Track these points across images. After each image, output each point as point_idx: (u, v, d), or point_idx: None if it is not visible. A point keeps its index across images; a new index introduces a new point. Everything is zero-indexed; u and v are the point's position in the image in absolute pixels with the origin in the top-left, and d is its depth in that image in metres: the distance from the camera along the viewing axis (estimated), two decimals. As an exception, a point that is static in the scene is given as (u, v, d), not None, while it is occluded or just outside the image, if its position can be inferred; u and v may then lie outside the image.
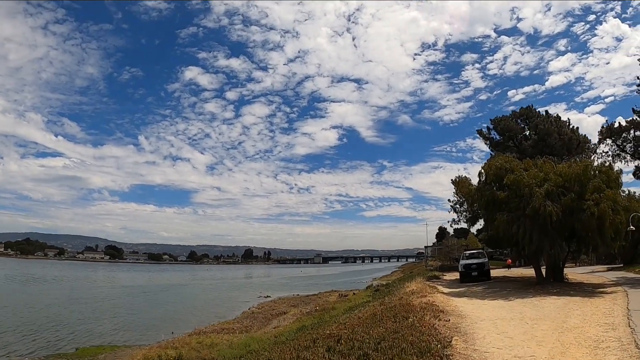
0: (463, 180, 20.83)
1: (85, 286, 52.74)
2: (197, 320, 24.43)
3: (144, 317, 26.75)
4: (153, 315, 27.95)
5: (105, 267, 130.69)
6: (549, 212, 17.15)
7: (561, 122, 27.01)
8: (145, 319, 26.23)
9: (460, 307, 14.01)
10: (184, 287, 55.98)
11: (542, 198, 17.52)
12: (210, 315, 27.60)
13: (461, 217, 26.98)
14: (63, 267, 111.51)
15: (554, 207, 17.29)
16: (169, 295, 43.46)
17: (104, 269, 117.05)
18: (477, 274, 24.52)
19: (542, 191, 17.63)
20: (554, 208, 17.24)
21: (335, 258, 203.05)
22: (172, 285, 58.26)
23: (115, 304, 33.88)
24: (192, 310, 31.18)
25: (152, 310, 30.22)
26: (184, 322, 24.10)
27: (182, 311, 30.42)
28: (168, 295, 43.45)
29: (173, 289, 52.57)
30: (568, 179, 18.26)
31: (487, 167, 20.10)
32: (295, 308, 27.98)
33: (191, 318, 26.09)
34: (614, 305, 13.48)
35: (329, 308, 23.33)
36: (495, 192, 19.02)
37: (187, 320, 24.92)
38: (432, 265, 45.96)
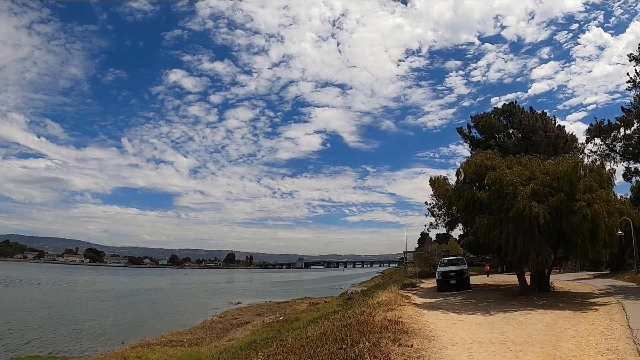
0: (440, 181, 18.50)
1: (59, 290, 51.18)
2: (156, 328, 23.07)
3: (105, 324, 25.42)
4: (115, 321, 26.59)
5: (84, 270, 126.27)
6: (535, 214, 14.90)
7: (547, 119, 24.95)
8: (105, 325, 24.88)
9: (432, 324, 11.64)
10: (158, 292, 54.13)
11: (527, 198, 15.28)
12: (171, 323, 25.82)
13: (439, 221, 24.73)
14: (41, 270, 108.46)
15: (540, 208, 15.05)
16: (139, 300, 41.79)
17: (82, 272, 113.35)
18: (456, 283, 22.19)
19: (527, 190, 15.40)
20: (541, 209, 15.00)
21: (317, 263, 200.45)
22: (147, 290, 56.56)
23: (82, 309, 32.56)
24: (156, 316, 29.64)
25: (116, 316, 28.94)
26: (141, 330, 22.81)
27: (145, 318, 28.89)
28: (138, 300, 41.80)
29: (146, 293, 50.62)
30: (556, 178, 16.07)
31: (467, 165, 17.85)
32: (260, 317, 25.98)
33: (151, 325, 24.74)
34: (612, 322, 11.21)
35: (293, 318, 21.61)
36: (475, 193, 16.76)
37: (145, 328, 23.66)
38: (412, 272, 43.71)
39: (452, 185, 18.48)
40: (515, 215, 15.19)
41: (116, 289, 56.65)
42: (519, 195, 15.35)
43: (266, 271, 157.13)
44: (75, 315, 28.58)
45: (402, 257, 62.08)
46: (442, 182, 18.56)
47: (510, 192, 15.55)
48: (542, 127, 23.51)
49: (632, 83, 23.91)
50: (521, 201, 15.12)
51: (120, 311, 32.18)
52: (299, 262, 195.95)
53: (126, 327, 24.49)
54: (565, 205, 15.43)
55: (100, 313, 30.53)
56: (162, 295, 48.93)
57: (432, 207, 24.52)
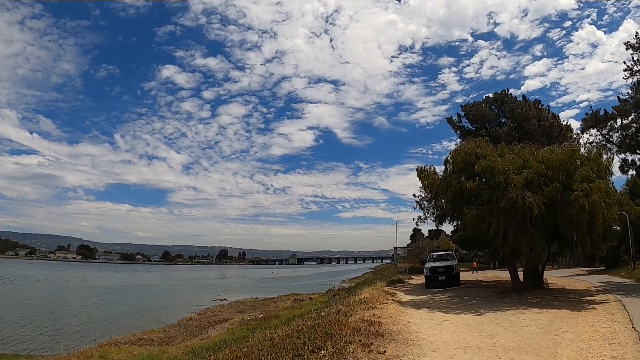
0: (428, 171, 17.13)
1: (47, 286, 50.03)
2: (134, 325, 22.32)
3: (85, 320, 24.47)
4: (95, 318, 25.62)
5: (75, 267, 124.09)
6: (528, 205, 13.61)
7: (540, 107, 23.59)
8: (85, 322, 23.92)
9: (414, 324, 10.35)
10: (146, 288, 53.07)
11: (520, 188, 13.98)
12: (150, 320, 24.78)
13: (428, 214, 23.39)
14: (32, 267, 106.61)
15: (535, 198, 13.74)
16: (124, 297, 40.58)
17: (73, 268, 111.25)
18: (445, 279, 20.88)
19: (520, 179, 14.09)
20: (535, 200, 13.70)
21: (310, 259, 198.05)
22: (135, 286, 55.28)
23: (66, 305, 31.64)
24: (138, 313, 28.55)
25: (98, 313, 27.98)
26: (118, 327, 21.95)
27: (126, 314, 27.79)
28: (124, 297, 40.58)
29: (134, 290, 49.39)
30: (551, 167, 14.78)
31: (455, 153, 16.52)
32: (241, 314, 24.84)
33: (130, 322, 23.83)
34: (613, 323, 9.96)
35: (273, 316, 20.71)
36: (463, 183, 15.45)
37: (123, 325, 22.74)
38: (402, 267, 42.46)
39: (440, 175, 17.13)
40: (506, 206, 13.89)
41: (104, 285, 55.18)
42: (511, 185, 14.06)
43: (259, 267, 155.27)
44: (57, 312, 27.70)
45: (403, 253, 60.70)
46: (429, 173, 17.21)
47: (501, 181, 14.24)
48: (536, 115, 22.18)
49: (630, 72, 22.68)
50: (513, 191, 13.82)
51: (103, 307, 31.16)
52: (292, 258, 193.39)
53: (105, 324, 23.62)
54: (561, 196, 14.17)
55: (83, 309, 29.65)
56: (149, 292, 47.59)
57: (421, 199, 23.09)
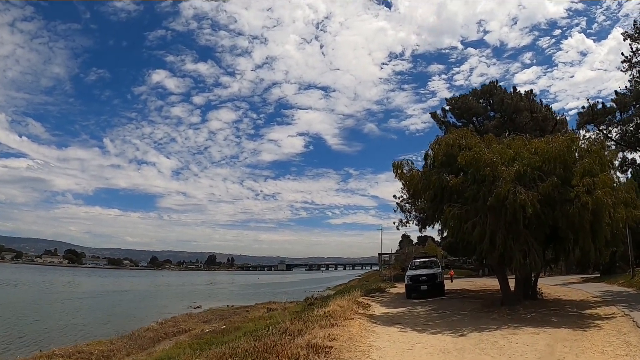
0: (405, 165, 14.77)
1: (25, 290, 49.51)
2: (91, 333, 21.15)
3: (48, 327, 23.44)
4: (60, 324, 24.60)
5: (61, 271, 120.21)
6: (520, 203, 11.24)
7: (533, 98, 21.32)
8: (47, 328, 22.83)
9: (375, 350, 8.00)
10: (124, 294, 51.92)
11: (510, 182, 11.62)
12: (111, 328, 23.28)
13: (410, 217, 21.00)
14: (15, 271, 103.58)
15: (528, 195, 11.36)
16: (98, 302, 39.27)
17: (58, 273, 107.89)
18: (427, 288, 18.45)
19: (510, 173, 11.74)
20: (528, 196, 11.31)
21: (299, 265, 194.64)
22: (114, 292, 53.71)
23: (37, 310, 30.55)
24: (102, 321, 27.04)
25: (64, 319, 26.98)
26: (73, 336, 20.71)
27: (91, 321, 26.43)
28: (98, 302, 39.31)
29: (112, 295, 47.88)
30: (547, 159, 12.46)
31: (436, 145, 14.19)
32: (206, 325, 22.73)
33: (89, 330, 22.63)
34: (629, 347, 7.76)
35: (234, 328, 19.25)
36: (444, 178, 13.06)
37: (81, 333, 21.59)
38: (386, 275, 40.05)
39: (419, 171, 14.74)
40: (494, 204, 11.52)
41: (83, 290, 53.76)
42: (500, 179, 11.70)
43: (247, 273, 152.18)
44: (25, 317, 26.57)
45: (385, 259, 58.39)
46: (407, 168, 14.82)
47: (488, 174, 11.88)
48: (528, 107, 19.95)
49: (628, 63, 20.56)
50: (503, 186, 11.46)
51: (73, 313, 29.93)
52: (281, 265, 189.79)
53: (66, 331, 22.39)
54: (559, 192, 11.85)
55: (52, 314, 28.63)
56: (126, 298, 45.90)
57: (402, 201, 20.72)
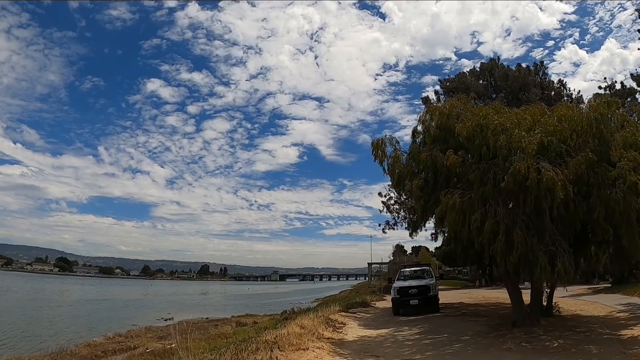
0: (387, 142, 11.07)
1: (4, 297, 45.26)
2: (36, 347, 18.11)
3: None
4: (13, 333, 22.01)
5: (50, 279, 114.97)
6: (547, 184, 7.64)
7: (544, 71, 17.74)
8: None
9: None
10: (104, 302, 48.63)
11: (532, 157, 8.00)
12: (53, 341, 19.40)
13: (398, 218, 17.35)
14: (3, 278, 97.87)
15: (558, 173, 7.76)
16: (68, 311, 35.67)
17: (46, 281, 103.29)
18: (418, 303, 14.70)
19: (532, 142, 8.11)
20: (558, 175, 7.70)
21: (293, 276, 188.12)
22: (95, 300, 49.07)
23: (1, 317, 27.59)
24: (55, 330, 23.91)
25: (24, 327, 24.23)
26: (17, 348, 18.26)
27: (49, 331, 23.25)
28: (68, 311, 35.66)
29: (90, 303, 44.08)
30: (576, 129, 8.86)
31: (427, 116, 10.61)
32: (160, 341, 18.79)
33: (37, 342, 19.63)
34: None
35: (183, 348, 14.07)
36: (438, 156, 9.40)
37: (27, 345, 19.04)
38: (376, 286, 36.23)
39: (406, 152, 11.09)
40: (510, 188, 7.93)
41: (63, 298, 50.20)
42: (518, 151, 8.09)
43: (240, 283, 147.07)
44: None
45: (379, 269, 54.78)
46: (390, 147, 11.15)
47: (501, 145, 8.29)
48: (537, 82, 16.39)
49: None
50: (522, 161, 7.84)
51: (36, 322, 27.07)
52: (274, 275, 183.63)
53: (15, 341, 19.82)
54: (595, 172, 8.29)
55: (17, 322, 25.99)
56: (102, 307, 42.44)
57: (388, 199, 17.05)
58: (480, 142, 8.66)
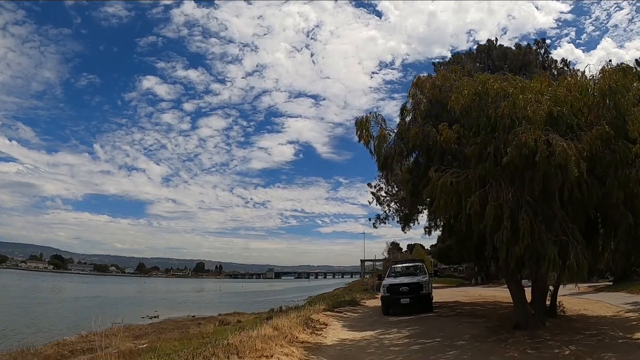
0: (372, 119, 9.64)
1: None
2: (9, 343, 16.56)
3: None
4: None
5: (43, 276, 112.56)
6: (560, 160, 6.26)
7: (546, 48, 16.25)
8: None
9: None
10: (93, 300, 46.15)
11: (541, 128, 6.62)
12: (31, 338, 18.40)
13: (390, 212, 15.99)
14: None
15: (571, 147, 6.38)
16: (57, 307, 34.19)
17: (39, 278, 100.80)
18: (410, 302, 13.30)
19: (540, 111, 6.72)
20: (571, 150, 6.32)
21: (288, 273, 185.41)
22: (86, 298, 47.91)
23: None
24: (41, 330, 21.95)
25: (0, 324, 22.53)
26: None
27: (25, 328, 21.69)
28: (56, 307, 34.20)
29: (80, 301, 41.88)
30: (588, 100, 7.51)
31: (417, 90, 9.20)
32: (135, 340, 17.41)
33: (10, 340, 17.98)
34: None
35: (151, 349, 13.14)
36: (430, 131, 8.00)
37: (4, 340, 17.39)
38: (368, 283, 34.83)
39: (393, 131, 9.68)
40: (515, 163, 6.54)
41: (53, 296, 47.89)
42: (523, 121, 6.70)
43: (235, 281, 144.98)
44: None
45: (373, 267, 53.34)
46: (376, 126, 9.72)
47: (503, 114, 6.89)
48: (539, 60, 14.89)
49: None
50: (529, 132, 6.46)
51: (17, 318, 25.45)
52: (269, 272, 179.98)
53: None
54: (611, 150, 6.93)
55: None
56: (93, 304, 40.49)
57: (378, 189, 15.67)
58: (478, 113, 7.28)
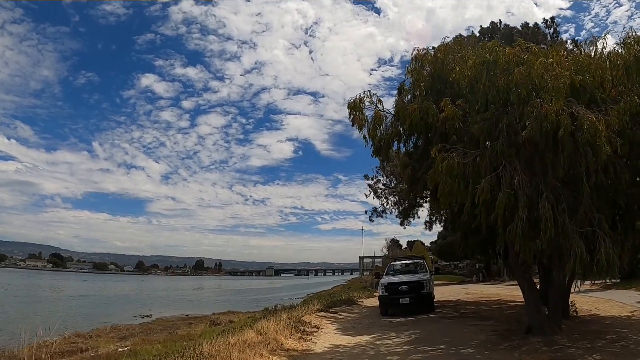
0: (366, 99, 8.51)
1: None
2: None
3: None
4: None
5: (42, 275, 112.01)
6: (588, 135, 5.13)
7: (555, 27, 15.08)
8: None
9: None
10: (89, 298, 45.53)
11: (563, 98, 5.48)
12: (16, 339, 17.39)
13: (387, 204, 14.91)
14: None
15: (601, 120, 5.25)
16: (50, 306, 32.57)
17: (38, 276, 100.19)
18: (410, 302, 12.21)
19: (563, 76, 5.59)
20: (600, 123, 5.21)
21: (288, 271, 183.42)
22: (80, 296, 46.64)
23: None
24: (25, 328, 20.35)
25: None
26: None
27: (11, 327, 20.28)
28: (50, 306, 32.51)
29: (74, 299, 41.06)
30: (608, 74, 6.37)
31: (416, 64, 8.04)
32: (119, 342, 16.53)
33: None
34: None
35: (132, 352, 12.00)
36: (430, 108, 6.88)
37: None
38: (367, 281, 33.73)
39: (390, 112, 8.55)
40: (535, 141, 5.42)
41: (48, 294, 46.66)
42: (541, 92, 5.58)
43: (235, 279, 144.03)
44: None
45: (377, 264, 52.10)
46: (370, 107, 8.60)
47: (518, 83, 5.75)
48: (547, 41, 13.61)
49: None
50: (550, 103, 5.34)
51: (5, 317, 23.40)
52: (269, 270, 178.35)
53: None
54: None
55: None
56: (84, 302, 39.77)
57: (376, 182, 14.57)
58: (486, 85, 6.14)
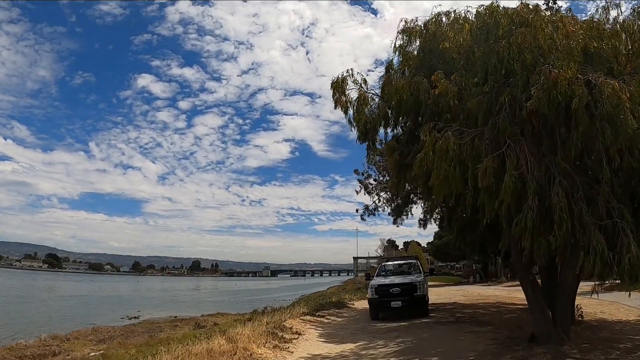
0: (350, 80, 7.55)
1: None
2: None
3: None
4: None
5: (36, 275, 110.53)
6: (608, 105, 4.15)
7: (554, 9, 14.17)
8: None
9: None
10: (78, 299, 43.76)
11: (576, 65, 4.51)
12: None
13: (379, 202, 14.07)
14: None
15: (623, 88, 4.27)
16: (39, 306, 31.56)
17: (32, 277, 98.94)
18: (402, 305, 11.22)
19: (576, 38, 4.63)
20: (624, 92, 4.23)
21: (285, 271, 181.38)
22: (72, 296, 46.03)
23: None
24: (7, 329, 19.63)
25: None
26: None
27: None
28: (38, 306, 31.56)
29: (64, 299, 39.83)
30: (621, 47, 5.44)
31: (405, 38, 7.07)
32: (97, 345, 15.45)
33: None
34: None
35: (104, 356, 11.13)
36: (421, 83, 5.92)
37: None
38: (361, 282, 32.85)
39: (377, 94, 7.61)
40: (543, 114, 4.45)
41: (40, 294, 45.19)
42: (551, 57, 4.61)
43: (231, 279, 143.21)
44: None
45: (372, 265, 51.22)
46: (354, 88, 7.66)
47: (522, 46, 4.78)
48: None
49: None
50: (561, 69, 4.37)
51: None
52: (265, 271, 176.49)
53: None
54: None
55: None
56: (75, 303, 38.34)
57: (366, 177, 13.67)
58: (485, 53, 5.19)
